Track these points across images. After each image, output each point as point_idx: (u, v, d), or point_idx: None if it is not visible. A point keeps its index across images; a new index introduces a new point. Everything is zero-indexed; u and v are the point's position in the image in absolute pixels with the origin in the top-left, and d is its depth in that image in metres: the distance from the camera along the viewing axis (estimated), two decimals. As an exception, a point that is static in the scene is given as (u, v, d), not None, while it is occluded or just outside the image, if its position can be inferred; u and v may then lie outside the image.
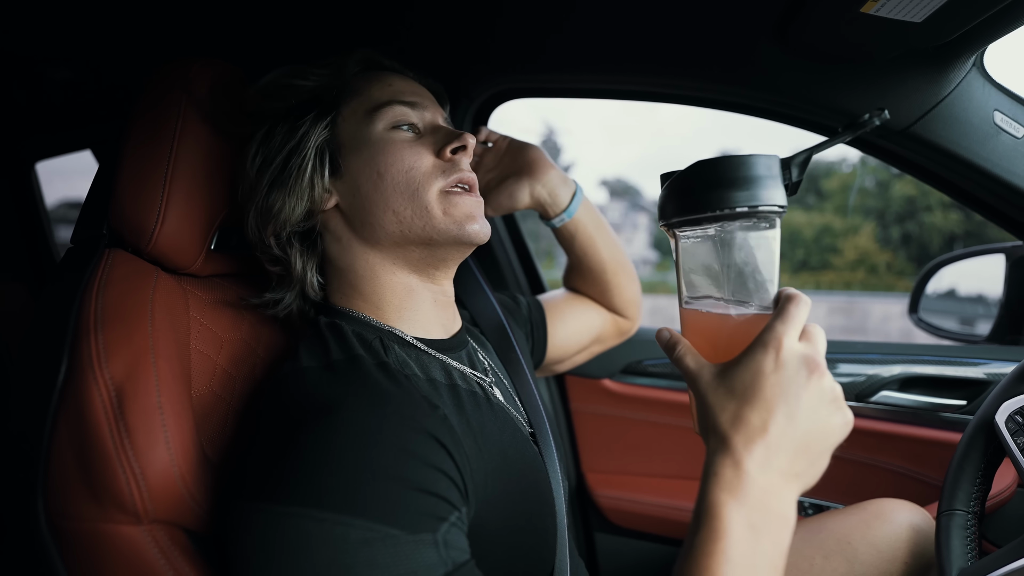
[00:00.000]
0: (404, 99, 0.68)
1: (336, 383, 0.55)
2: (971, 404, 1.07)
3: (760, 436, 0.45)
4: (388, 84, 0.70)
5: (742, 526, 0.44)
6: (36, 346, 0.60)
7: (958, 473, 0.73)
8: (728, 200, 0.50)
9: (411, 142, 0.67)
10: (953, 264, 1.35)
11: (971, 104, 0.86)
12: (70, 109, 1.44)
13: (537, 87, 1.15)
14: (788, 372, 0.46)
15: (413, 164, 0.65)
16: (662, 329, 0.57)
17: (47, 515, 0.54)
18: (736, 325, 0.53)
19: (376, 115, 0.67)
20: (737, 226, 0.51)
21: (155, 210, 0.65)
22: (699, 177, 0.51)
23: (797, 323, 0.48)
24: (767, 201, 0.50)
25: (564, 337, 1.01)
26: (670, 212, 0.54)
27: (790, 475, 0.46)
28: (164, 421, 0.55)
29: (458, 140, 0.67)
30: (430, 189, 0.65)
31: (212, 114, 0.70)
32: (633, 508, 1.29)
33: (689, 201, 0.52)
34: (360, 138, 0.66)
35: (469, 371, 0.69)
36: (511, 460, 0.62)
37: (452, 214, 0.66)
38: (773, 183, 0.51)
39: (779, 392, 0.46)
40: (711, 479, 0.46)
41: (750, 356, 0.48)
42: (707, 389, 0.49)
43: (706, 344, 0.54)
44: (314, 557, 0.45)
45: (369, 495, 0.47)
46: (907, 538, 0.83)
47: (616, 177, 41.94)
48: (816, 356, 0.48)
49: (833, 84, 0.90)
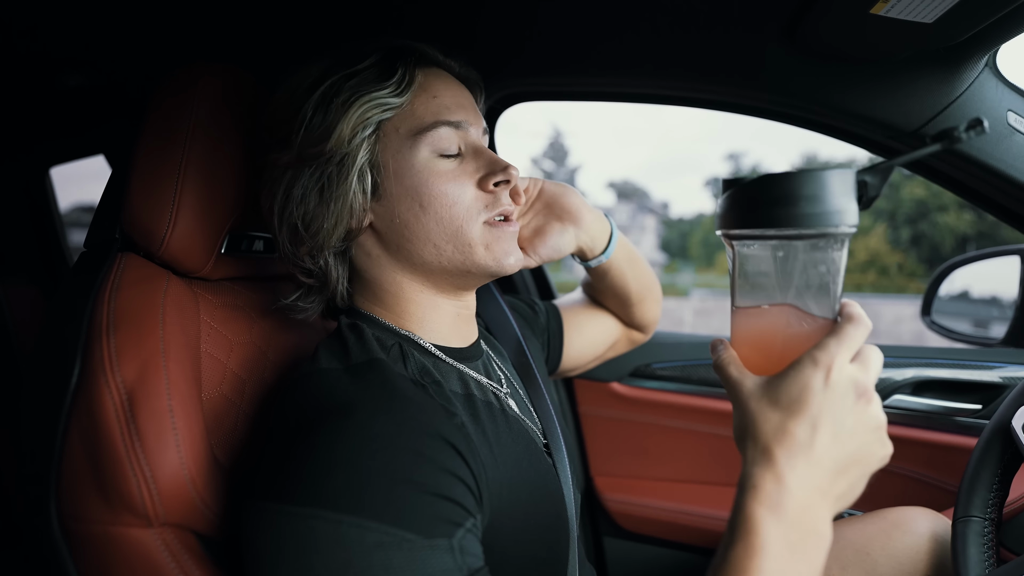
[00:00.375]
0: (450, 119, 0.64)
1: (355, 386, 0.55)
2: (986, 408, 1.05)
3: (804, 451, 0.44)
4: (433, 96, 0.65)
5: (780, 543, 0.43)
6: (49, 349, 0.60)
7: (974, 479, 0.72)
8: (797, 220, 0.47)
9: (454, 172, 0.64)
10: (967, 266, 1.34)
11: (984, 105, 0.85)
12: (83, 114, 1.46)
13: (546, 90, 1.15)
14: (837, 393, 0.45)
15: (456, 199, 0.63)
16: (718, 339, 0.55)
17: (59, 517, 0.55)
18: (790, 335, 0.51)
19: (420, 139, 0.63)
20: (803, 245, 0.49)
21: (167, 214, 0.65)
22: (767, 191, 0.48)
23: (853, 345, 0.47)
24: (837, 223, 0.47)
25: (580, 347, 1.00)
26: (732, 223, 0.51)
27: (829, 496, 0.45)
28: (175, 424, 0.55)
29: (503, 174, 0.65)
30: (473, 226, 0.64)
31: (223, 119, 0.70)
32: (642, 512, 1.28)
33: (754, 215, 0.49)
34: (402, 163, 0.63)
35: (485, 381, 0.68)
36: (525, 471, 0.62)
37: (493, 250, 0.65)
38: (846, 202, 0.47)
39: (826, 410, 0.45)
40: (749, 492, 0.45)
41: (799, 370, 0.46)
42: (749, 397, 0.48)
43: (756, 353, 0.53)
44: (328, 559, 0.45)
45: (385, 498, 0.46)
46: (928, 548, 0.80)
47: (624, 179, 41.83)
48: (866, 382, 0.46)
49: (843, 86, 0.89)
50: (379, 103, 0.62)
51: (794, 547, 0.43)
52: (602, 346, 1.04)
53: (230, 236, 0.75)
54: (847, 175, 0.48)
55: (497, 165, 0.65)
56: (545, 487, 0.65)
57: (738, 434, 0.49)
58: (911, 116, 0.87)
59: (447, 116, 0.64)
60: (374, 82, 0.62)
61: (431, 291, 0.67)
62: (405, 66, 0.64)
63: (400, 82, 0.63)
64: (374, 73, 0.63)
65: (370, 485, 0.47)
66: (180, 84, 0.70)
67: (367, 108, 0.61)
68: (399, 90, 0.63)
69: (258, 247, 0.79)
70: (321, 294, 0.68)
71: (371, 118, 0.62)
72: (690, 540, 1.24)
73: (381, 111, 0.62)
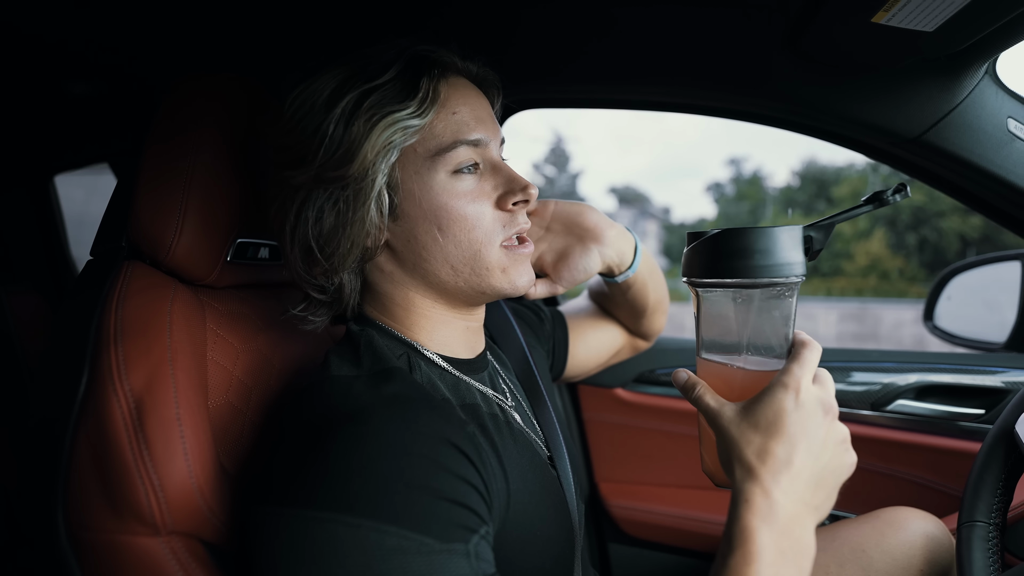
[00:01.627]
0: (469, 137, 0.62)
1: (367, 393, 0.55)
2: (990, 413, 1.05)
3: (786, 467, 0.49)
4: (452, 112, 0.62)
5: (773, 551, 0.47)
6: (57, 357, 0.60)
7: (978, 484, 0.72)
8: (752, 271, 0.53)
9: (472, 192, 0.63)
10: (968, 271, 1.34)
11: (984, 111, 0.86)
12: (88, 123, 1.46)
13: (551, 97, 1.15)
14: (807, 411, 0.51)
15: (476, 222, 0.62)
16: (679, 370, 0.61)
17: (67, 525, 0.55)
18: (750, 375, 0.57)
19: (439, 160, 0.61)
20: (758, 294, 0.55)
21: (173, 223, 0.66)
22: (726, 245, 0.55)
23: (811, 367, 0.53)
24: (787, 274, 0.53)
25: (584, 355, 1.00)
26: (696, 272, 0.58)
27: (811, 506, 0.50)
28: (182, 432, 0.56)
29: (522, 194, 0.64)
30: (492, 249, 0.63)
31: (229, 127, 0.70)
32: (646, 518, 1.28)
33: (714, 266, 0.55)
34: (421, 185, 0.61)
35: (491, 393, 0.68)
36: (530, 484, 0.62)
37: (509, 273, 0.65)
38: (795, 255, 0.54)
39: (800, 429, 0.50)
40: (743, 505, 0.49)
41: (771, 394, 0.52)
42: (730, 424, 0.53)
43: (722, 385, 0.58)
44: (346, 562, 0.45)
45: (402, 504, 0.47)
46: (922, 546, 0.83)
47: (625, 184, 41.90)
48: (830, 399, 0.53)
49: (845, 93, 0.90)
50: (403, 125, 0.59)
51: (785, 554, 0.48)
52: (606, 354, 1.04)
53: (236, 244, 0.75)
54: (795, 231, 0.55)
55: (516, 184, 0.64)
56: (549, 499, 0.65)
57: (723, 458, 0.54)
58: (912, 123, 0.87)
59: (466, 135, 0.62)
60: (396, 100, 0.59)
61: (442, 307, 0.67)
62: (429, 80, 0.61)
63: (423, 100, 0.60)
64: (396, 88, 0.60)
65: (388, 490, 0.47)
66: (186, 92, 0.70)
67: (391, 132, 0.59)
68: (421, 109, 0.60)
69: (263, 255, 0.79)
70: (332, 308, 0.67)
71: (395, 142, 0.59)
72: (694, 546, 1.24)
73: (404, 134, 0.60)
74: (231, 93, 0.72)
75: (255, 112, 0.73)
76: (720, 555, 0.49)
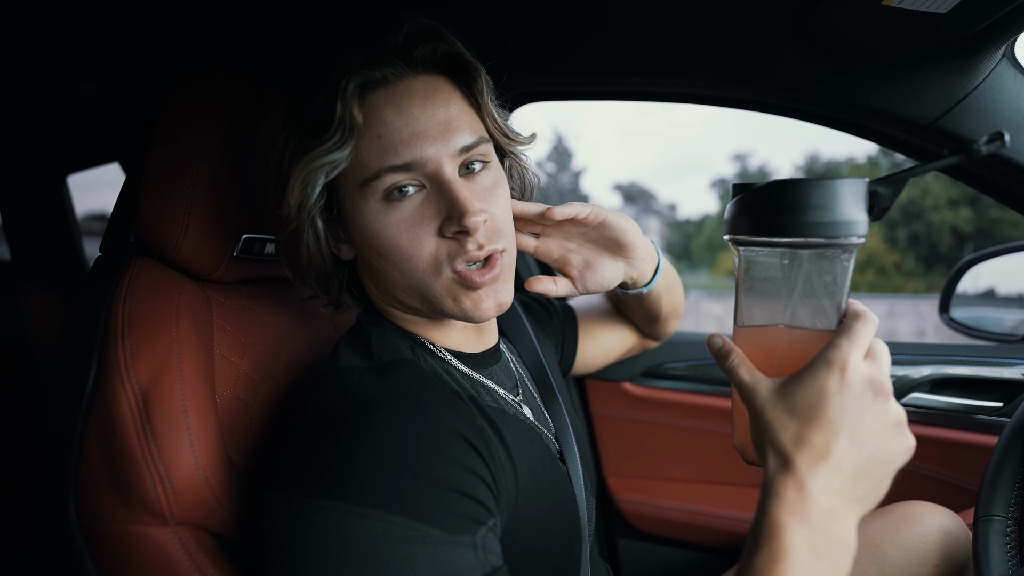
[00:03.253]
0: (395, 163, 0.56)
1: (377, 385, 0.55)
2: (1008, 406, 1.03)
3: (823, 459, 0.44)
4: (377, 135, 0.57)
5: (804, 549, 0.43)
6: (66, 352, 0.61)
7: (995, 478, 0.70)
8: (806, 229, 0.47)
9: (409, 219, 0.57)
10: (984, 262, 1.31)
11: (1002, 96, 0.84)
12: (99, 123, 1.48)
13: (556, 90, 1.15)
14: (853, 394, 0.45)
15: (412, 251, 0.57)
16: (714, 335, 0.55)
17: (78, 516, 0.56)
18: (796, 340, 0.51)
19: (366, 190, 0.58)
20: (809, 255, 0.49)
21: (179, 219, 0.66)
22: (777, 198, 0.48)
23: (864, 342, 0.46)
24: (847, 233, 0.47)
25: (593, 353, 1.00)
26: (741, 228, 0.51)
27: (852, 499, 0.45)
28: (189, 424, 0.56)
29: (457, 224, 0.56)
30: (436, 280, 0.59)
31: (233, 124, 0.71)
32: (655, 513, 1.27)
33: (763, 222, 0.49)
34: (355, 213, 0.59)
35: (499, 388, 0.68)
36: (539, 479, 0.62)
37: (461, 303, 0.60)
38: (856, 213, 0.47)
39: (843, 414, 0.45)
40: (773, 499, 0.45)
41: (813, 374, 0.46)
42: (765, 405, 0.48)
43: (761, 357, 0.52)
44: (352, 551, 0.45)
45: (410, 494, 0.47)
46: (937, 540, 0.81)
47: (631, 181, 41.74)
48: (882, 378, 0.46)
49: (855, 80, 0.88)
50: (323, 162, 0.56)
51: (819, 552, 0.43)
52: (615, 353, 1.03)
53: (243, 240, 0.75)
54: (858, 185, 0.48)
55: (455, 210, 0.56)
56: (559, 495, 0.65)
57: (756, 441, 0.49)
58: (926, 109, 0.85)
59: (392, 160, 0.56)
60: (316, 132, 0.56)
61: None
62: (343, 107, 0.55)
63: (340, 131, 0.56)
64: (316, 120, 0.57)
65: (396, 481, 0.47)
66: (191, 90, 0.71)
67: (312, 170, 0.57)
68: (340, 141, 0.56)
69: (270, 250, 0.79)
70: (339, 304, 0.69)
71: (317, 180, 0.57)
72: (703, 540, 1.23)
73: (326, 170, 0.57)
74: (235, 89, 0.72)
75: (259, 108, 0.74)
76: (746, 551, 0.46)
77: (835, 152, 22.14)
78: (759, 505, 0.46)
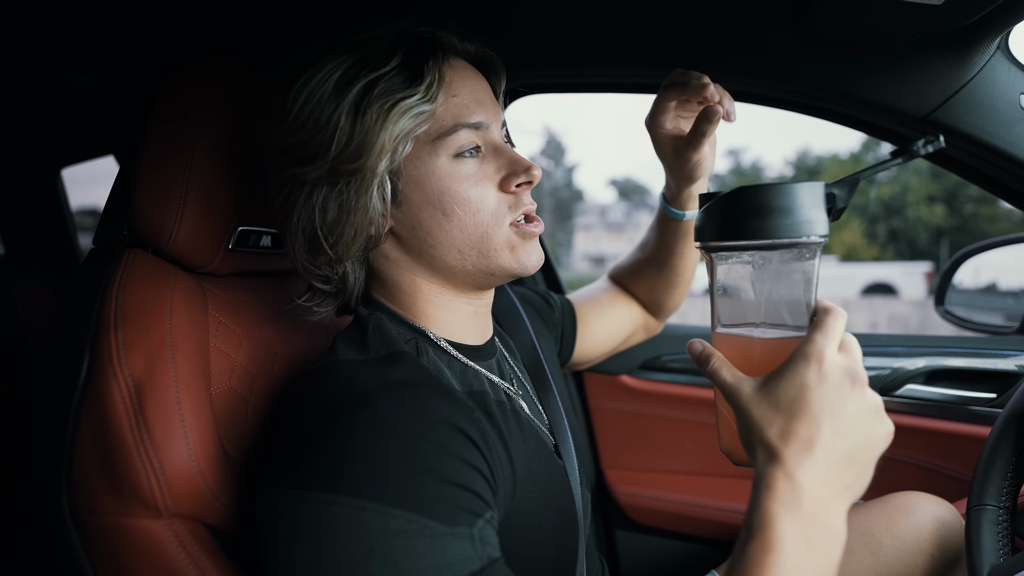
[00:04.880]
0: (470, 120, 0.61)
1: (373, 377, 0.55)
2: (1001, 397, 1.04)
3: (809, 449, 0.46)
4: (453, 95, 0.61)
5: (795, 539, 0.45)
6: (59, 343, 0.61)
7: (988, 467, 0.71)
8: (769, 231, 0.50)
9: (475, 176, 0.62)
10: (980, 255, 1.32)
11: (996, 88, 0.84)
12: (93, 115, 1.47)
13: (552, 82, 1.14)
14: (832, 384, 0.47)
15: (480, 205, 0.62)
16: (693, 341, 0.56)
17: (71, 509, 0.56)
18: (771, 345, 0.53)
19: (440, 144, 0.61)
20: (777, 256, 0.52)
21: (173, 210, 0.66)
22: (741, 204, 0.51)
23: (836, 335, 0.49)
24: (809, 232, 0.50)
25: (592, 343, 1.00)
26: (708, 235, 0.54)
27: (840, 487, 0.47)
28: (183, 416, 0.56)
29: (525, 175, 0.63)
30: (498, 231, 0.63)
31: (227, 114, 0.70)
32: (653, 505, 1.28)
33: (729, 227, 0.52)
34: (423, 170, 0.61)
35: (498, 380, 0.68)
36: (535, 473, 0.62)
37: (518, 253, 0.64)
38: (817, 213, 0.50)
39: (825, 405, 0.46)
40: (764, 491, 0.46)
41: (792, 369, 0.48)
42: (749, 403, 0.50)
43: (740, 358, 0.55)
44: (350, 544, 0.45)
45: (407, 486, 0.47)
46: (932, 530, 0.82)
47: (626, 176, 41.77)
48: (857, 368, 0.48)
49: (852, 72, 0.88)
50: (415, 112, 0.58)
51: (810, 542, 0.45)
52: (615, 341, 1.04)
53: (238, 232, 0.75)
54: (816, 187, 0.51)
55: (519, 165, 0.63)
56: (555, 489, 0.65)
57: (744, 439, 0.51)
58: (921, 101, 0.85)
59: (467, 118, 0.61)
60: (403, 86, 0.58)
61: (450, 292, 0.67)
62: (434, 63, 0.60)
63: (430, 86, 0.59)
64: (403, 75, 0.59)
65: (392, 473, 0.47)
66: (185, 80, 0.70)
67: (405, 120, 0.58)
68: (429, 94, 0.59)
69: (266, 243, 0.79)
70: (337, 298, 0.67)
71: (410, 130, 0.59)
72: (700, 532, 1.24)
73: (416, 121, 0.59)
74: (228, 79, 0.72)
75: (253, 98, 0.73)
76: (739, 543, 0.47)
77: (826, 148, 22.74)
78: (751, 499, 0.48)
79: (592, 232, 37.85)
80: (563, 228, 38.92)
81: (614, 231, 36.90)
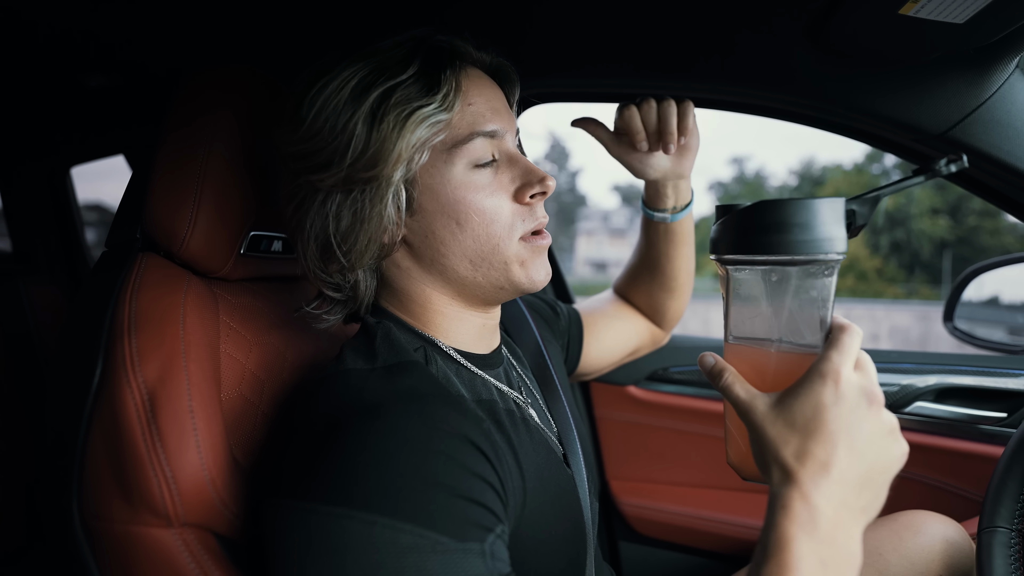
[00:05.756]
0: (485, 129, 0.61)
1: (382, 387, 0.54)
2: (1012, 417, 1.03)
3: (826, 471, 0.45)
4: (468, 103, 0.61)
5: (812, 561, 0.44)
6: (71, 348, 0.61)
7: (1000, 489, 0.70)
8: (789, 247, 0.49)
9: (491, 186, 0.62)
10: (989, 272, 1.31)
11: (1014, 107, 0.83)
12: (105, 115, 1.47)
13: (567, 91, 1.14)
14: (849, 404, 0.46)
15: (494, 216, 0.61)
16: (706, 354, 0.56)
17: (81, 516, 0.55)
18: (785, 361, 0.53)
19: (456, 153, 0.60)
20: (795, 272, 0.51)
21: (187, 215, 0.66)
22: (760, 218, 0.51)
23: (852, 353, 0.48)
24: (828, 250, 0.49)
25: (598, 353, 1.00)
26: (724, 248, 0.53)
27: (856, 509, 0.46)
28: (195, 425, 0.56)
29: (540, 185, 0.63)
30: (511, 243, 0.63)
31: (243, 120, 0.70)
32: (658, 517, 1.27)
33: (747, 241, 0.51)
34: (438, 179, 0.61)
35: (506, 389, 0.68)
36: (546, 482, 0.61)
37: (528, 267, 0.64)
38: (837, 230, 0.50)
39: (841, 425, 0.46)
40: (780, 512, 0.46)
41: (808, 387, 0.47)
42: (764, 421, 0.49)
43: (753, 373, 0.54)
44: (360, 559, 0.45)
45: (419, 501, 0.46)
46: (940, 550, 0.82)
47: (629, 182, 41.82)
48: (873, 387, 0.48)
49: (870, 88, 0.88)
50: (432, 121, 0.58)
51: (826, 564, 0.44)
52: (621, 352, 1.03)
53: (250, 237, 0.75)
54: (837, 204, 0.50)
55: (534, 175, 0.63)
56: (565, 499, 0.64)
57: (758, 457, 0.50)
58: (939, 119, 0.85)
59: (482, 126, 0.61)
60: (421, 95, 0.58)
61: (460, 304, 0.66)
62: (452, 72, 0.60)
63: (447, 95, 0.59)
64: (420, 84, 0.59)
65: (403, 487, 0.46)
66: (201, 84, 0.70)
67: (422, 129, 0.58)
68: (446, 104, 0.59)
69: (277, 248, 0.79)
70: (346, 306, 0.66)
71: (427, 139, 0.59)
72: (706, 545, 1.23)
73: (433, 130, 0.59)
74: (243, 84, 0.72)
75: (269, 103, 0.73)
76: (755, 562, 0.46)
77: (830, 158, 22.88)
78: (766, 518, 0.47)
79: (595, 237, 37.92)
80: (566, 233, 39.01)
81: (616, 236, 36.96)
